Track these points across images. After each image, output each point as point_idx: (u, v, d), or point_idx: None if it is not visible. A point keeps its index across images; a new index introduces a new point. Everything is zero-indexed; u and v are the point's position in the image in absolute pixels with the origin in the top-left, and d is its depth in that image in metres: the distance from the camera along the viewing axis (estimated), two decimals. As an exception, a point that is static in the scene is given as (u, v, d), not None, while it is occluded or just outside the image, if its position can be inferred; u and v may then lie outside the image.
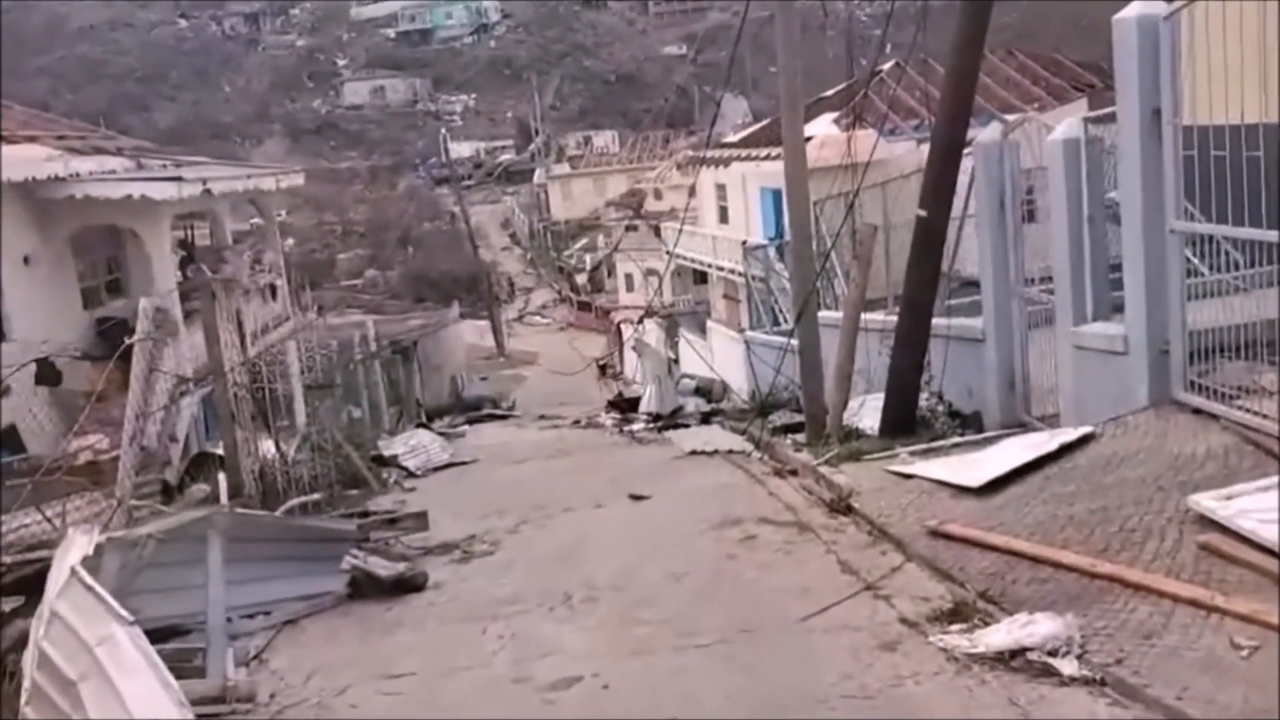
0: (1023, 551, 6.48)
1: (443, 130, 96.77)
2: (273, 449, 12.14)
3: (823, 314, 13.09)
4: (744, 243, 28.58)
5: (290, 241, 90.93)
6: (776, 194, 31.40)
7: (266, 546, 7.82)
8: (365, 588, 7.96)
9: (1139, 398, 8.22)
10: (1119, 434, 8.07)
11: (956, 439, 10.49)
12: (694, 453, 13.38)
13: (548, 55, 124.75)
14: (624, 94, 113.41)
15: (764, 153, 29.21)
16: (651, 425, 18.86)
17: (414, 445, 15.46)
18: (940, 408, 11.57)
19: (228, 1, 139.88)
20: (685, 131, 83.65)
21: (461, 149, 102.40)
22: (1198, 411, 7.72)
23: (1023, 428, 10.55)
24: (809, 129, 29.45)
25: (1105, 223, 9.01)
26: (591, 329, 57.00)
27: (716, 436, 14.94)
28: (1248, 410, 7.21)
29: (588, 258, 67.21)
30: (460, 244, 71.07)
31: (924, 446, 10.35)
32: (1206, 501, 6.15)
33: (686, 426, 17.72)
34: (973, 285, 15.74)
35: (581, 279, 67.71)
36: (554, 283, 73.39)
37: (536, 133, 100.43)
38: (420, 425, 18.74)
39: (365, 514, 10.37)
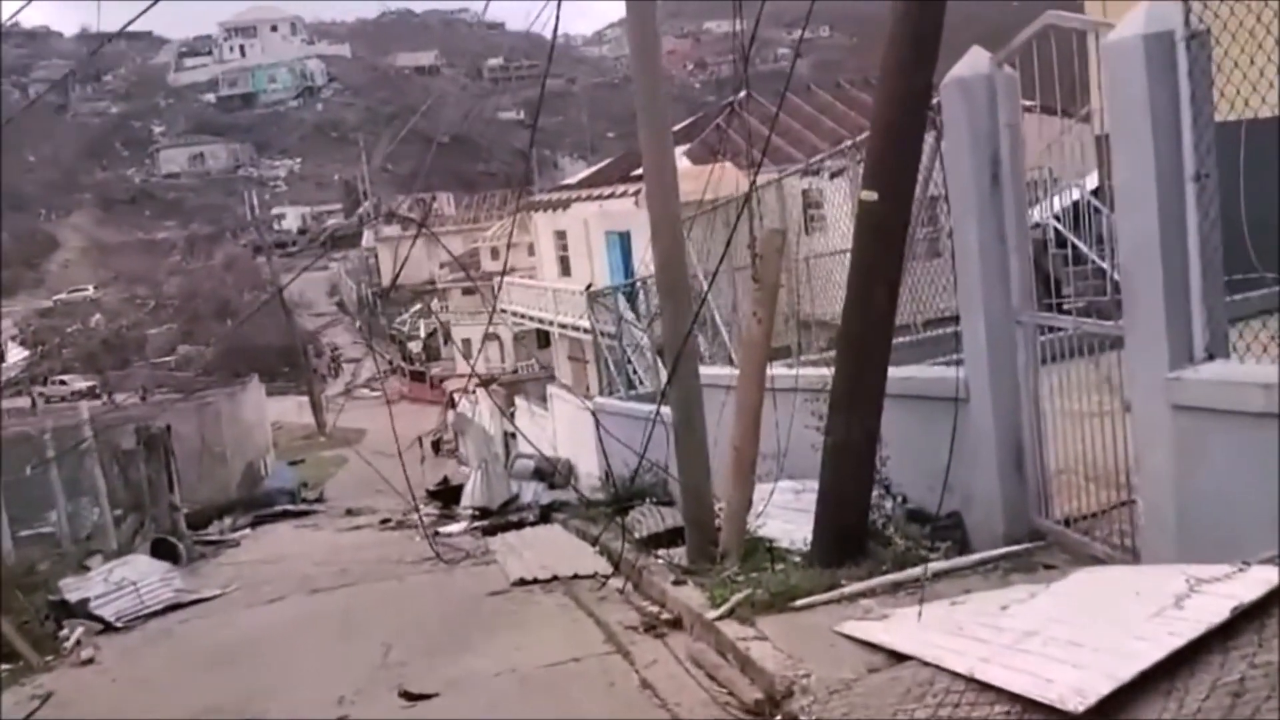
0: None
1: (248, 193, 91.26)
2: None
3: (704, 371, 8.87)
4: (588, 287, 24.39)
5: (98, 318, 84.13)
6: (624, 237, 27.43)
7: None
8: None
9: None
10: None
11: (938, 562, 6.41)
12: (524, 582, 9.00)
13: (377, 118, 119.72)
14: (457, 156, 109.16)
15: (609, 190, 25.23)
16: (475, 526, 14.42)
17: (121, 580, 10.65)
18: (893, 508, 7.45)
19: (33, 68, 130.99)
20: (524, 192, 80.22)
21: (287, 215, 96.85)
22: None
23: (1042, 540, 6.53)
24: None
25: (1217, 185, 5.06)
26: (426, 400, 52.21)
27: (558, 549, 10.59)
28: None
29: (421, 324, 62.34)
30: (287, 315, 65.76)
31: (892, 580, 6.23)
32: None
33: (520, 527, 13.34)
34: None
35: (415, 347, 62.74)
36: (385, 352, 68.14)
37: (365, 196, 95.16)
38: (161, 541, 13.82)
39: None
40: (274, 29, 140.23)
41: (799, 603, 6.09)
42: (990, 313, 6.52)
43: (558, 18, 8.38)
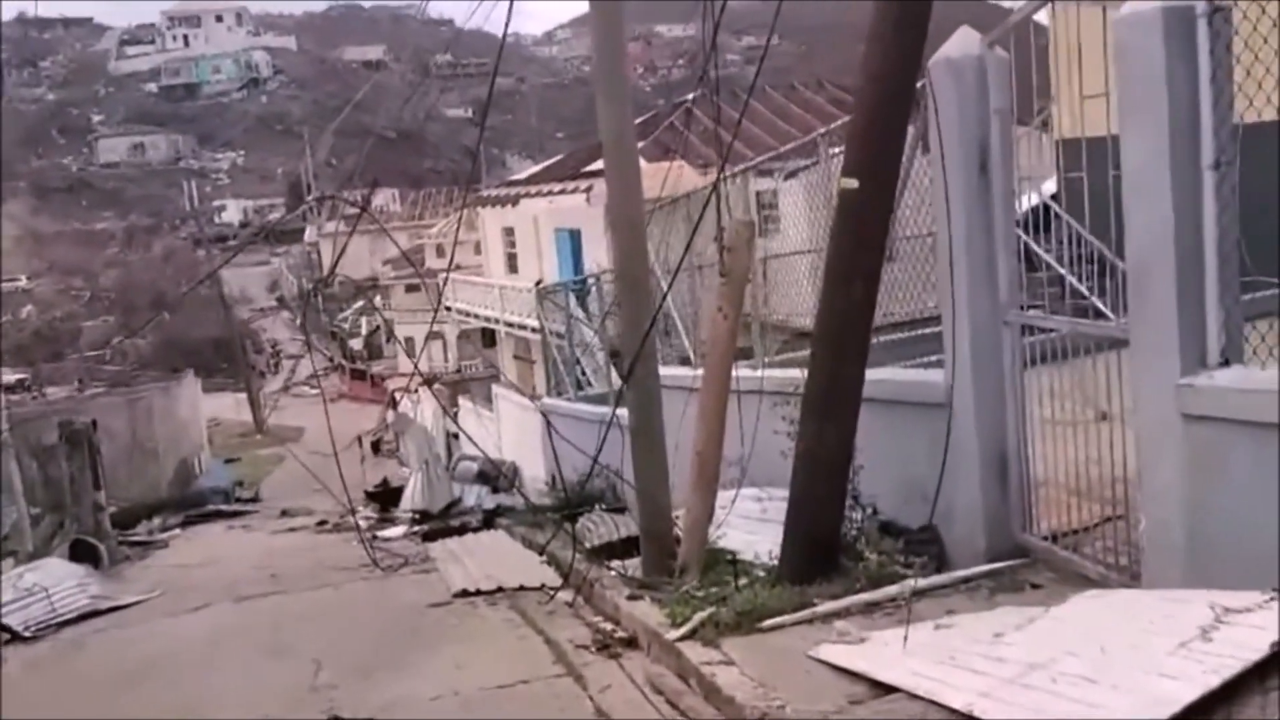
0: None
1: (189, 185, 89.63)
2: None
3: (664, 371, 8.36)
4: (538, 283, 23.76)
5: (30, 309, 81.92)
6: (574, 234, 26.85)
7: None
8: None
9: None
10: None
11: (917, 580, 5.94)
12: (466, 594, 8.43)
13: (323, 111, 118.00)
14: (405, 152, 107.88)
15: (559, 186, 24.66)
16: (415, 530, 13.81)
17: (32, 586, 9.93)
18: (864, 520, 6.97)
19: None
20: (471, 190, 79.20)
21: (228, 207, 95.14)
22: None
23: (1026, 557, 6.08)
24: (601, 164, 25.21)
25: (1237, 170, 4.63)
26: (367, 399, 51.29)
27: (503, 557, 10.04)
28: None
29: (363, 321, 61.26)
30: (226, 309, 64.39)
31: (868, 598, 5.76)
32: None
33: (463, 532, 12.76)
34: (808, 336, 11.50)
35: (357, 344, 61.65)
36: (326, 349, 66.95)
37: (309, 190, 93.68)
38: (81, 542, 13.06)
39: None
40: (219, 19, 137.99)
41: (767, 623, 5.59)
42: (976, 312, 6.06)
43: (509, 16, 7.87)
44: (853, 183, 5.87)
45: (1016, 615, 4.81)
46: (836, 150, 8.14)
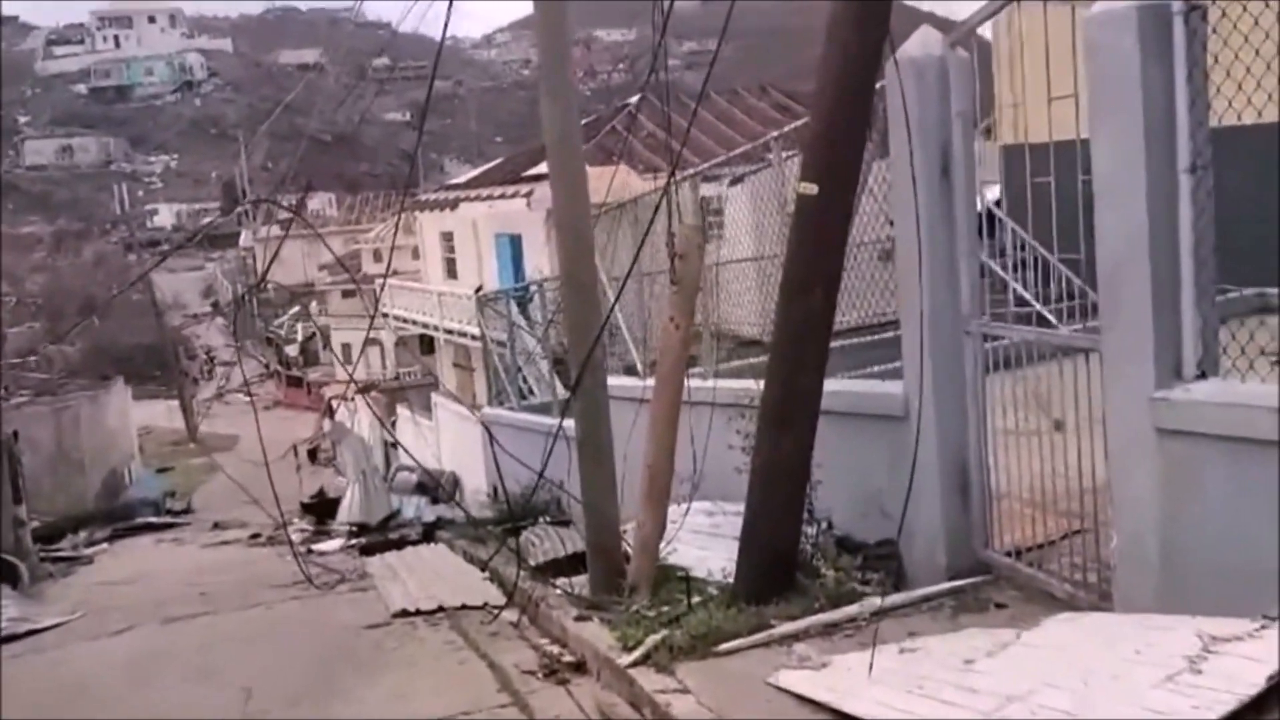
0: None
1: (119, 188, 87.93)
2: None
3: (612, 381, 8.08)
4: (478, 289, 23.36)
5: (-51, 316, 79.67)
6: (515, 240, 26.47)
7: None
8: None
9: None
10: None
11: (885, 598, 5.72)
12: (406, 614, 8.08)
13: (258, 115, 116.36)
14: (341, 156, 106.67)
15: (499, 191, 24.29)
16: (352, 544, 13.41)
17: (-59, 609, 9.42)
18: (819, 535, 6.74)
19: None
20: (409, 194, 78.46)
21: (160, 211, 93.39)
22: None
23: (989, 574, 5.89)
24: (545, 167, 24.78)
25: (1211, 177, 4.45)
26: (304, 407, 50.46)
27: (443, 574, 9.70)
28: None
29: (299, 327, 60.31)
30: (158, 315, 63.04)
31: (826, 619, 5.53)
32: None
33: (401, 546, 12.38)
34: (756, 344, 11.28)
35: (292, 350, 60.66)
36: (261, 356, 65.85)
37: (244, 194, 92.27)
38: (-1, 560, 12.47)
39: None
40: (152, 20, 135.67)
41: (724, 646, 5.34)
42: (937, 320, 5.85)
43: (447, 19, 7.58)
44: (812, 187, 5.64)
45: (986, 639, 4.59)
46: (789, 154, 7.94)
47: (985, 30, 6.34)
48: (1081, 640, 4.18)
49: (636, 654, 5.42)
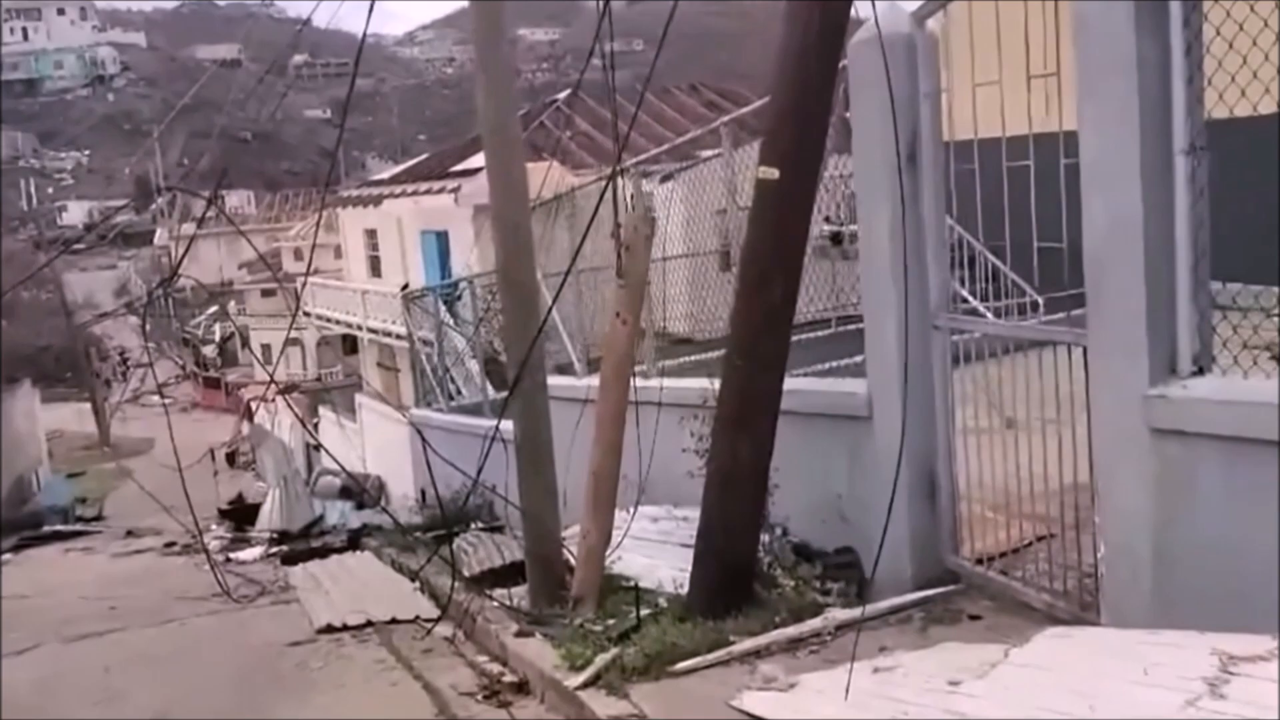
0: None
1: (27, 184, 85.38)
2: None
3: (552, 381, 7.65)
4: (404, 287, 22.68)
5: None
6: (441, 236, 25.86)
7: None
8: None
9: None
10: None
11: (842, 611, 5.39)
12: (331, 629, 7.59)
13: (173, 110, 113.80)
14: (261, 154, 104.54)
15: (425, 186, 23.70)
16: (273, 552, 12.83)
17: None
18: (775, 542, 6.38)
19: None
20: (330, 191, 77.16)
21: (69, 208, 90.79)
22: None
23: (958, 583, 5.57)
24: (473, 162, 24.35)
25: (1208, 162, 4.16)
26: (222, 409, 49.20)
27: (371, 584, 9.21)
28: None
29: (217, 327, 58.89)
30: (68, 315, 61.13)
31: (790, 635, 5.17)
32: None
33: (325, 554, 11.86)
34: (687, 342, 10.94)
35: (210, 351, 59.19)
36: (178, 357, 64.19)
37: (159, 191, 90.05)
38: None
39: None
40: (61, 13, 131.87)
41: (680, 665, 4.96)
42: (902, 315, 5.51)
43: (369, 15, 7.18)
44: (773, 172, 5.27)
45: (969, 657, 4.25)
46: (740, 147, 7.60)
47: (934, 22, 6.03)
48: (1079, 659, 3.85)
49: (586, 674, 5.02)
